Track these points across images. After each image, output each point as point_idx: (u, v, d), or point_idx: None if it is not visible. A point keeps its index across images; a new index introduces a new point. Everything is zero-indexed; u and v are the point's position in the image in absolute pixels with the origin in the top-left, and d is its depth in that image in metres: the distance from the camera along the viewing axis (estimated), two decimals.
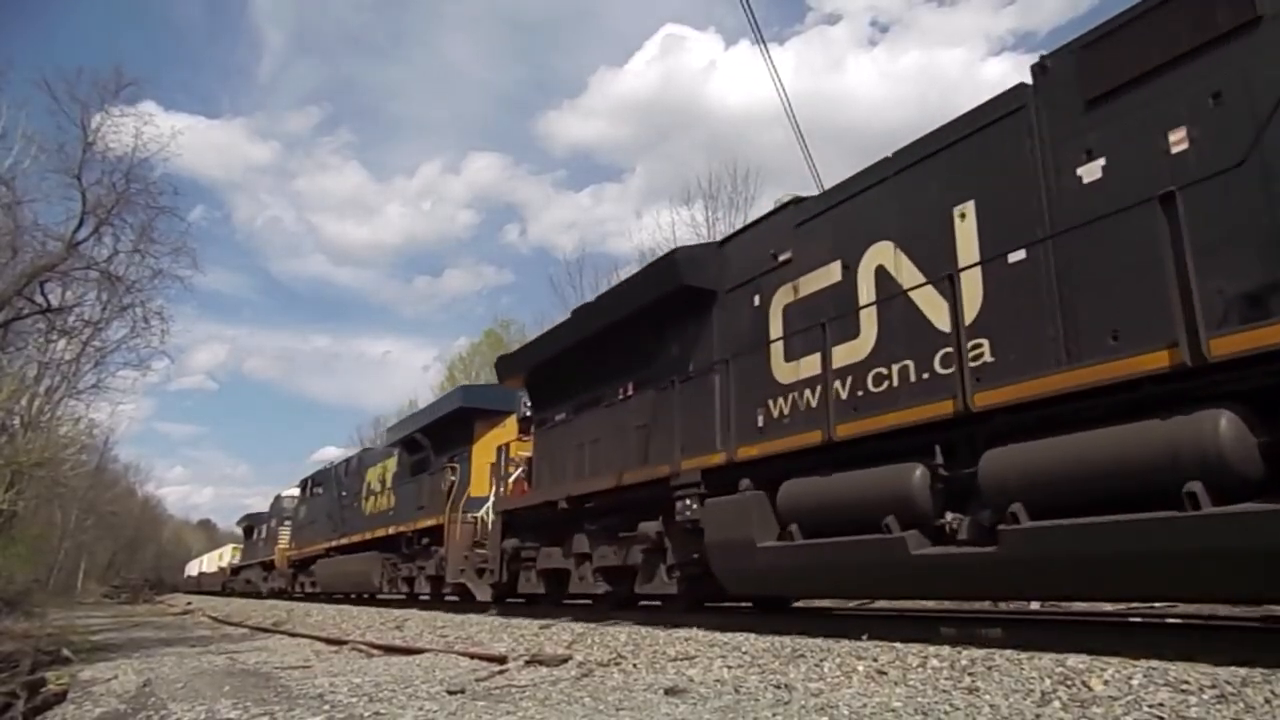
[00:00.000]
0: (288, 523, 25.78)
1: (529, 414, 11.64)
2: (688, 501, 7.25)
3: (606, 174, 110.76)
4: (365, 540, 17.24)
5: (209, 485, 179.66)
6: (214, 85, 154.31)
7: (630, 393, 8.81)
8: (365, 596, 19.06)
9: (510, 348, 28.46)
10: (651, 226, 68.44)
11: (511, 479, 11.27)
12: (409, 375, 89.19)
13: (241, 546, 37.43)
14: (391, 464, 17.28)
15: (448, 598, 14.26)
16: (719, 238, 9.12)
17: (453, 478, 13.24)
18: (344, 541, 18.72)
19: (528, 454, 11.21)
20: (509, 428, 12.77)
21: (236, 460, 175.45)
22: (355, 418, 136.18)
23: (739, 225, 11.25)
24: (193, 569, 56.65)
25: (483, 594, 11.78)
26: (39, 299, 18.23)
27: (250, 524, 34.19)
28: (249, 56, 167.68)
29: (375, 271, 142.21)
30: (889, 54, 70.49)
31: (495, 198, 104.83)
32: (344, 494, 19.93)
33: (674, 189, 56.98)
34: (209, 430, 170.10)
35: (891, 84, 55.75)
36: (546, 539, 10.05)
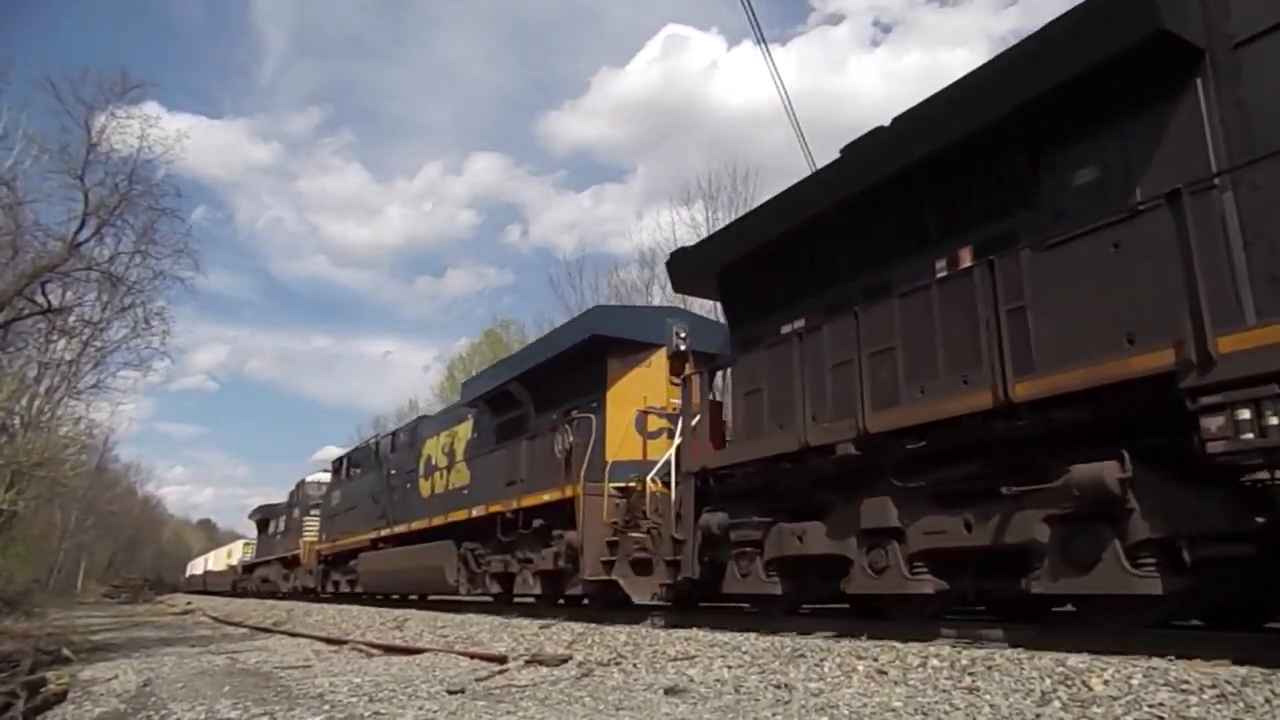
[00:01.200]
0: (314, 512, 21.92)
1: (683, 346, 9.28)
2: (1241, 414, 3.80)
3: (608, 174, 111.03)
4: (430, 528, 13.34)
5: (209, 485, 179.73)
6: (215, 86, 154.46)
7: (970, 261, 5.48)
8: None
9: (511, 348, 27.98)
10: (651, 227, 68.56)
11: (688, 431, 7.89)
12: (409, 375, 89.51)
13: (254, 542, 33.77)
14: (464, 430, 13.33)
15: (581, 599, 10.54)
16: None
17: (572, 438, 9.71)
18: (397, 530, 14.92)
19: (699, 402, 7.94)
20: (656, 367, 9.62)
21: (237, 461, 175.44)
22: (355, 418, 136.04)
23: None
24: (197, 567, 53.02)
25: (643, 595, 8.36)
26: (40, 299, 18.21)
27: (265, 516, 30.49)
28: (250, 57, 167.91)
29: (376, 272, 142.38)
30: (891, 54, 70.49)
31: (496, 198, 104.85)
32: (392, 473, 16.03)
33: (675, 189, 57.02)
34: (210, 430, 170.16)
35: (894, 84, 55.68)
36: (778, 511, 6.74)
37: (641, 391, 9.47)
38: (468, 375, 28.52)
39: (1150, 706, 3.11)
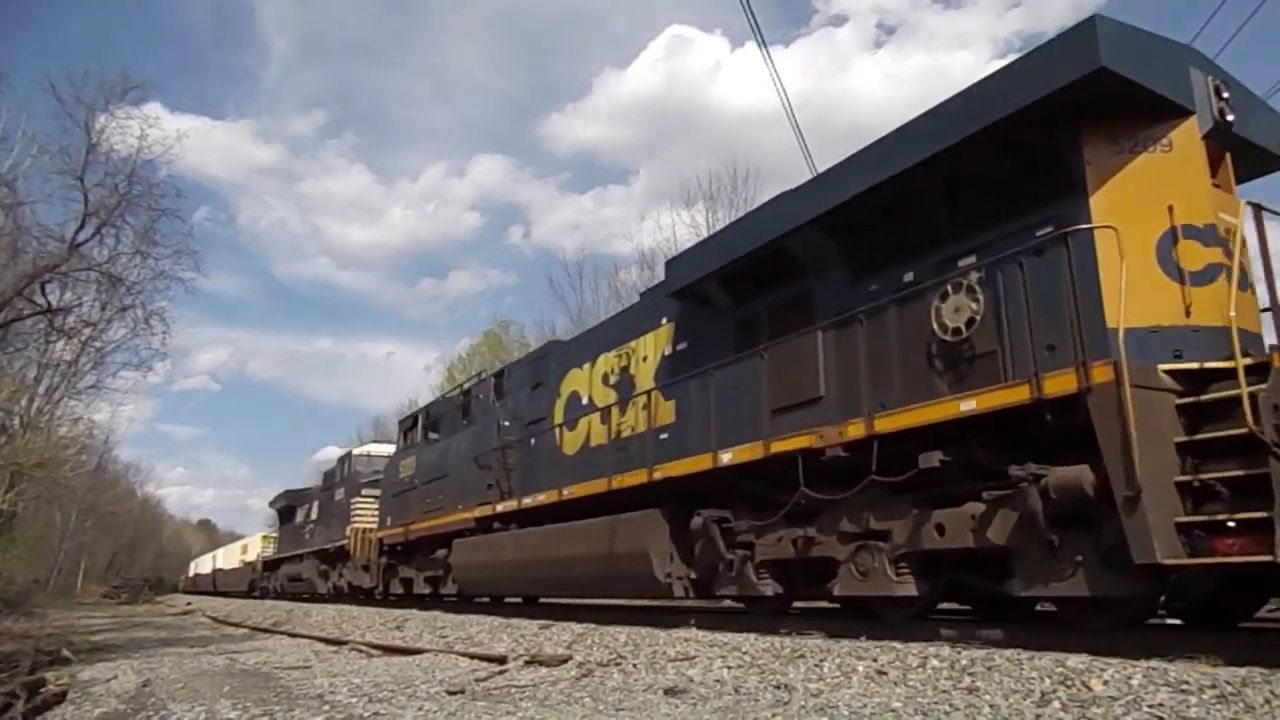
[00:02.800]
0: (368, 492, 17.55)
1: (1229, 116, 5.18)
2: None
3: (611, 176, 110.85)
4: (602, 494, 8.62)
5: (210, 486, 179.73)
6: (219, 89, 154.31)
7: None
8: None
9: (510, 348, 27.50)
10: (652, 228, 68.53)
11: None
12: (410, 376, 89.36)
13: (275, 534, 28.58)
14: (652, 343, 8.78)
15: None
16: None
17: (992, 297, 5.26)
18: (526, 503, 10.12)
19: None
20: (1184, 152, 5.05)
21: (238, 462, 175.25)
22: (356, 418, 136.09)
23: None
24: (203, 565, 47.74)
25: None
26: (39, 299, 18.23)
27: (290, 503, 25.30)
28: (255, 61, 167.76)
29: (379, 274, 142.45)
30: (894, 56, 70.53)
31: (499, 200, 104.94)
32: (505, 425, 11.52)
33: (678, 191, 56.92)
34: (211, 431, 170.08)
35: (896, 86, 55.73)
36: None
37: (1164, 196, 4.95)
38: (467, 375, 23.47)
39: (1150, 706, 3.11)
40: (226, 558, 39.19)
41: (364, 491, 17.80)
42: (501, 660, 6.11)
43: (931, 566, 5.75)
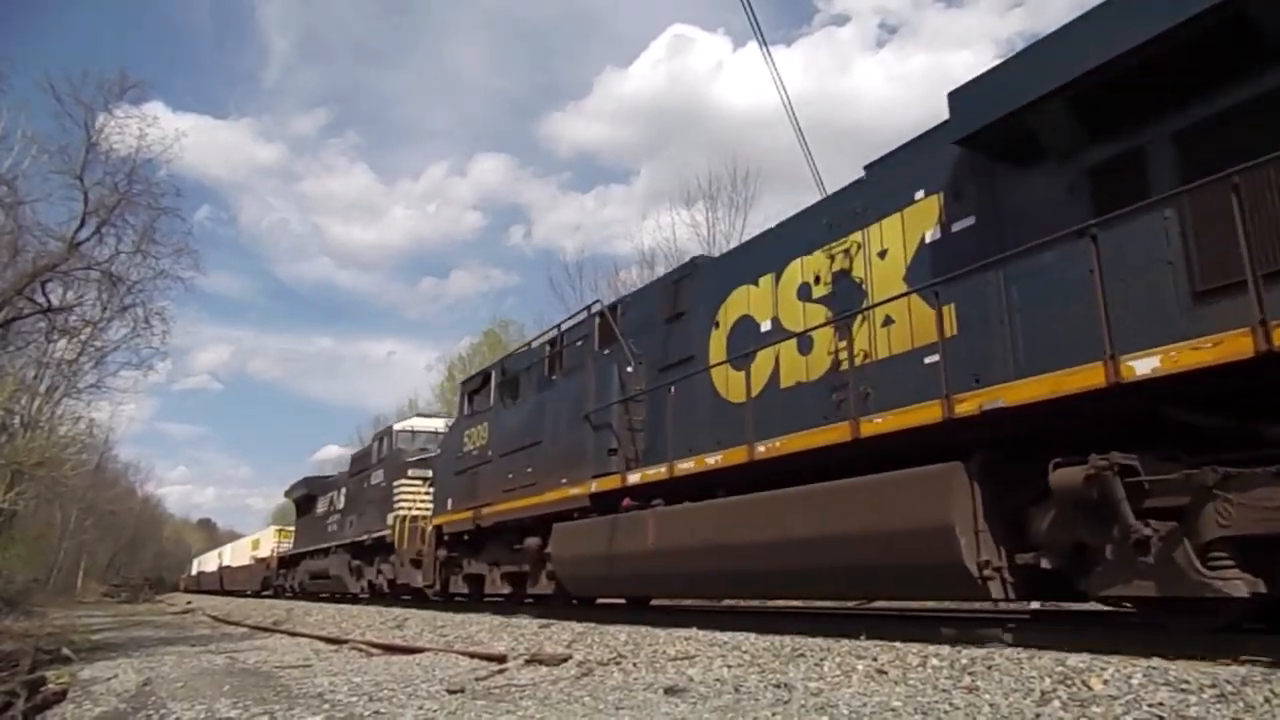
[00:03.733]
0: (415, 472, 15.08)
1: None
2: None
3: (612, 176, 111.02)
4: (829, 449, 6.03)
5: (210, 486, 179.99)
6: (220, 89, 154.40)
7: None
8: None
9: (510, 348, 27.28)
10: (652, 228, 68.53)
11: None
12: (412, 376, 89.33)
13: (292, 527, 25.92)
14: (884, 233, 6.33)
15: None
16: (720, 239, 6.53)
17: None
18: (682, 470, 7.46)
19: None
20: None
21: (238, 461, 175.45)
22: (356, 418, 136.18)
23: (740, 227, 7.35)
24: (208, 563, 45.40)
25: None
26: (40, 299, 18.25)
27: (309, 492, 22.78)
28: (256, 62, 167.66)
29: (380, 274, 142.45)
30: (896, 56, 70.45)
31: (501, 199, 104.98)
32: (628, 372, 8.87)
33: (679, 191, 56.92)
34: (212, 430, 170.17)
35: (898, 86, 55.68)
36: None
37: None
38: (467, 375, 18.82)
39: (1150, 706, 3.11)
40: (235, 554, 36.65)
41: (411, 472, 15.10)
42: (501, 659, 6.11)
43: None
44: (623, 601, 9.83)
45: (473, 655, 6.61)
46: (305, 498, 23.09)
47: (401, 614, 11.80)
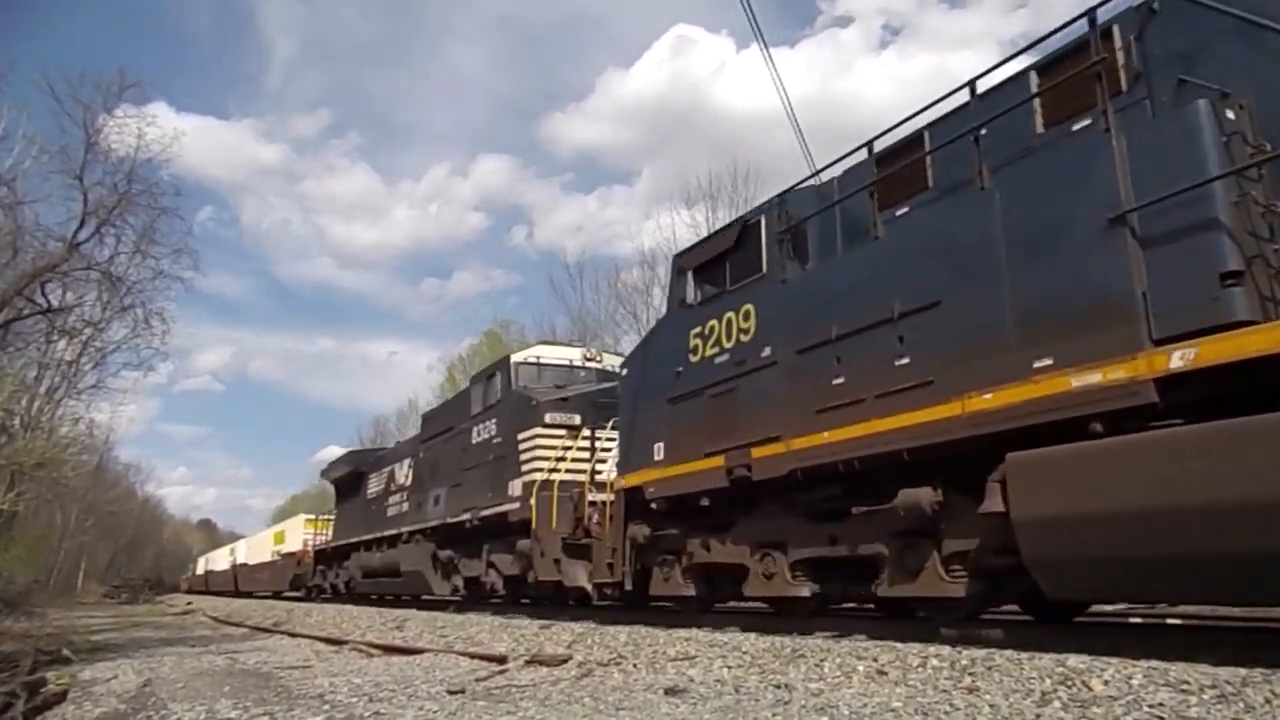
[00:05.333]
0: (556, 418, 10.63)
1: None
2: None
3: (614, 176, 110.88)
4: None
5: (211, 486, 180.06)
6: (222, 91, 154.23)
7: None
8: None
9: (510, 348, 27.01)
10: (652, 228, 68.49)
11: None
12: (411, 376, 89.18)
13: (329, 516, 21.52)
14: None
15: None
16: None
17: None
18: None
19: None
20: None
21: (239, 462, 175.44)
22: (356, 418, 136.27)
23: None
24: (217, 561, 41.60)
25: None
26: (40, 299, 18.28)
27: (355, 469, 18.67)
28: (258, 64, 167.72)
29: (382, 274, 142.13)
30: (899, 57, 70.37)
31: (503, 200, 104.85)
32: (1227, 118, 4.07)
33: (680, 191, 56.76)
34: (213, 431, 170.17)
35: (901, 87, 55.52)
36: None
37: None
38: (468, 376, 19.30)
39: (1150, 706, 3.11)
40: (252, 550, 32.05)
41: (549, 417, 10.53)
42: (502, 660, 6.11)
43: None
44: (621, 602, 8.21)
45: (473, 656, 6.61)
46: (350, 476, 18.75)
47: (401, 614, 11.79)
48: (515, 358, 12.15)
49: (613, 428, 9.31)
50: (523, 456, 10.64)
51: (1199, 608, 6.62)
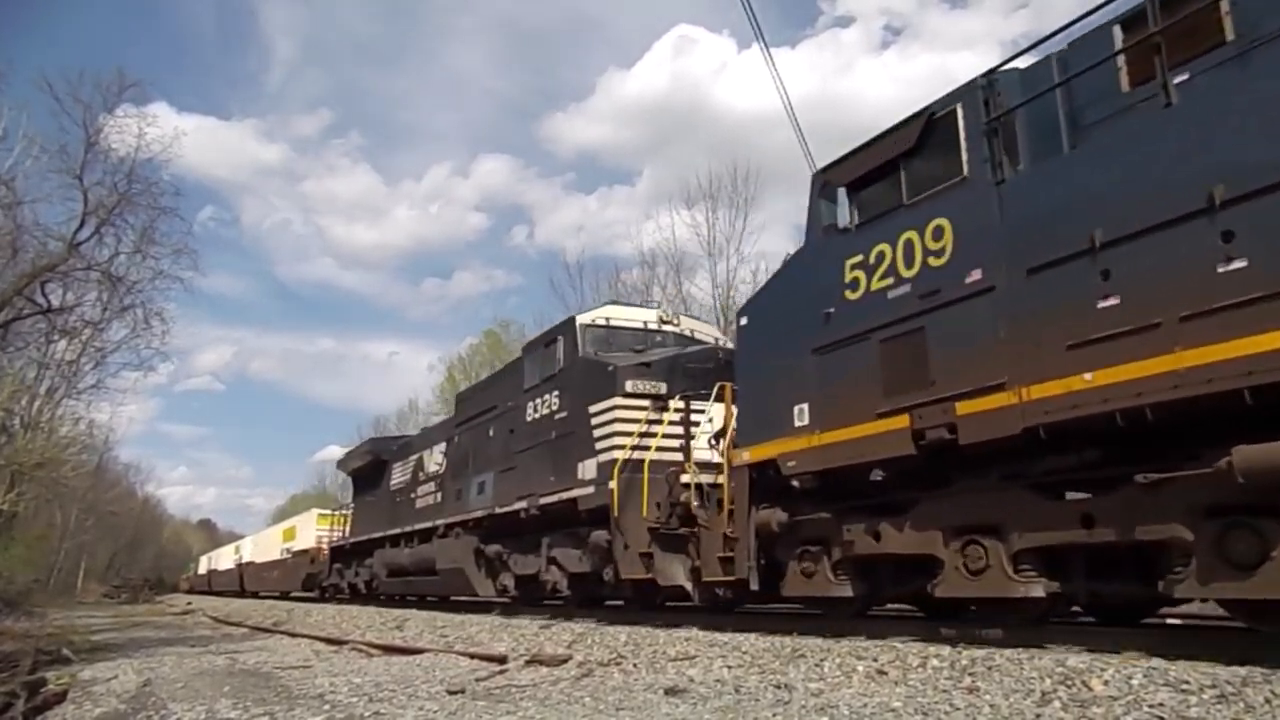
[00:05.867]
0: (639, 386, 8.70)
1: None
2: None
3: (615, 176, 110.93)
4: None
5: (211, 486, 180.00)
6: (223, 92, 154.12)
7: None
8: None
9: (510, 347, 26.51)
10: (652, 228, 68.49)
11: None
12: (411, 376, 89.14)
13: (340, 512, 20.12)
14: None
15: None
16: (719, 238, 6.09)
17: None
18: None
19: None
20: None
21: (240, 462, 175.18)
22: (356, 418, 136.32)
23: (739, 227, 6.51)
24: (221, 560, 40.03)
25: None
26: (39, 299, 18.27)
27: (376, 457, 17.08)
28: (259, 65, 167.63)
29: (382, 274, 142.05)
30: (900, 57, 70.32)
31: (504, 200, 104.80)
32: None
33: (681, 192, 56.77)
34: (213, 431, 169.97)
35: (902, 87, 55.47)
36: None
37: None
38: (468, 376, 21.28)
39: (1150, 706, 3.11)
40: (259, 548, 30.37)
41: (630, 385, 8.70)
42: (502, 660, 6.11)
43: None
44: (621, 602, 7.89)
45: (473, 656, 6.61)
46: (370, 466, 17.04)
47: (401, 614, 11.80)
48: (581, 318, 10.16)
49: (714, 399, 7.80)
50: (597, 432, 8.77)
51: (1199, 607, 6.61)
